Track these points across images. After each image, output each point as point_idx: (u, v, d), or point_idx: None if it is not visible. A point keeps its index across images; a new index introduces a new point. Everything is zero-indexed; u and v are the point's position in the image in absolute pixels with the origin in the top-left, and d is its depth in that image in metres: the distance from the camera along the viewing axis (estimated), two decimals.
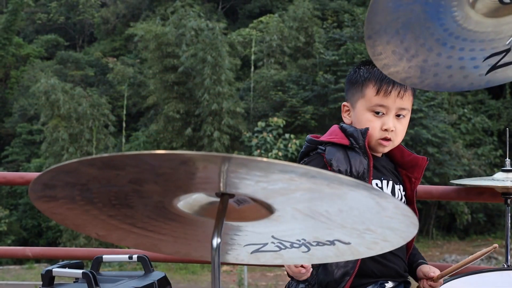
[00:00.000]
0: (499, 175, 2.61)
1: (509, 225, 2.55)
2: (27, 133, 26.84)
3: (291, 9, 26.82)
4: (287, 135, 20.84)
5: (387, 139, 2.19)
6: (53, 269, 2.32)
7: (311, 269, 1.99)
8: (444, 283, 2.16)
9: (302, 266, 1.95)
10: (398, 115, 2.20)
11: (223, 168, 1.01)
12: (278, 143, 20.61)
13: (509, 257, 2.51)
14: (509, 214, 2.54)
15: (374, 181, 2.20)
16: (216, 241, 1.16)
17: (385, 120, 2.18)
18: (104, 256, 2.53)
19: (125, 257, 2.56)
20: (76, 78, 28.89)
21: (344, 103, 2.30)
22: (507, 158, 2.60)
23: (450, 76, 1.61)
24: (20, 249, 4.08)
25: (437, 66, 1.60)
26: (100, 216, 1.23)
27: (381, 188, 2.21)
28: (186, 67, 23.91)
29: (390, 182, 2.25)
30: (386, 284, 2.17)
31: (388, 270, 2.19)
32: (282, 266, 2.26)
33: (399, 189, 2.27)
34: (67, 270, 2.34)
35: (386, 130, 2.18)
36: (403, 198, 2.28)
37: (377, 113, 2.18)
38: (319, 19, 27.34)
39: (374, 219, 1.15)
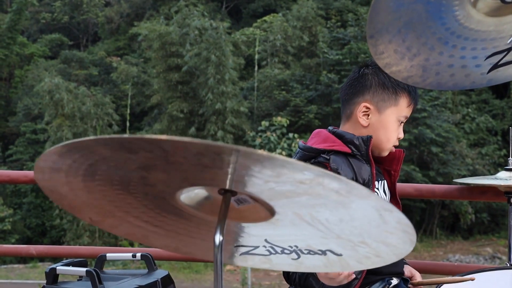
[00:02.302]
0: (502, 174, 2.61)
1: None
2: (31, 132, 26.86)
3: (295, 8, 26.82)
4: (290, 135, 20.82)
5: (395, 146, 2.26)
6: (57, 267, 2.33)
7: (353, 275, 1.88)
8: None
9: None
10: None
11: (237, 161, 1.00)
12: (282, 142, 20.59)
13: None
14: None
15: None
16: (218, 238, 1.16)
17: (400, 130, 2.25)
18: (107, 255, 2.54)
19: (128, 255, 2.57)
20: (80, 78, 28.92)
21: (366, 104, 2.19)
22: (510, 158, 2.60)
23: (452, 75, 1.61)
24: (25, 247, 4.10)
25: (439, 65, 1.60)
26: (98, 200, 1.23)
27: (378, 189, 2.22)
28: (190, 66, 23.91)
29: (381, 181, 2.25)
30: (391, 281, 2.19)
31: (394, 267, 2.20)
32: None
33: (384, 185, 2.28)
34: (71, 268, 2.35)
35: (398, 138, 2.24)
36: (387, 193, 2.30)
37: (401, 122, 2.24)
38: (323, 18, 27.31)
39: (373, 233, 1.15)
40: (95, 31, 36.32)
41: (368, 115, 2.19)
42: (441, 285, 2.12)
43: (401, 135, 2.23)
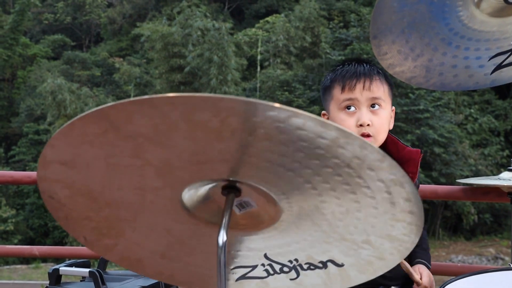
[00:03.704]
0: (505, 174, 2.60)
1: None
2: (34, 133, 26.88)
3: (297, 9, 26.80)
4: None
5: (365, 135, 2.06)
6: (60, 268, 2.33)
7: None
8: (447, 283, 2.15)
9: None
10: (372, 106, 2.08)
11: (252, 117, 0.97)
12: None
13: None
14: None
15: None
16: (222, 238, 1.14)
17: (358, 115, 2.08)
18: None
19: None
20: (83, 78, 28.95)
21: (323, 111, 2.23)
22: None
23: (455, 75, 1.61)
24: (27, 248, 4.10)
25: (442, 66, 1.60)
26: (97, 212, 1.22)
27: None
28: (192, 67, 23.94)
29: None
30: None
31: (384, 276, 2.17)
32: None
33: None
34: (74, 269, 2.35)
35: (361, 125, 2.06)
36: None
37: (348, 108, 2.09)
38: (325, 19, 27.31)
39: (378, 224, 1.14)
40: (98, 32, 36.36)
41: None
42: (445, 285, 2.11)
43: (362, 120, 2.07)
